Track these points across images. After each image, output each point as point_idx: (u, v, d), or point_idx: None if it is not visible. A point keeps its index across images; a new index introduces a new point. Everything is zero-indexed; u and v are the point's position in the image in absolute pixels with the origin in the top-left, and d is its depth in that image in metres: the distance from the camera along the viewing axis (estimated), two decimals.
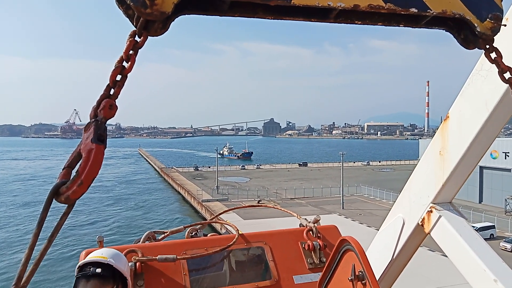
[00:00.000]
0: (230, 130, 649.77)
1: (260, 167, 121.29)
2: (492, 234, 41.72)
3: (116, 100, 1.31)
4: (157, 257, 2.86)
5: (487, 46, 1.68)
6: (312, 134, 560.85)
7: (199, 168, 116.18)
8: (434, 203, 3.51)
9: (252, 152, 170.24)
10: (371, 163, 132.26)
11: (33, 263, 1.19)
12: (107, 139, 1.29)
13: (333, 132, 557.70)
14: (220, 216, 4.79)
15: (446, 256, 3.31)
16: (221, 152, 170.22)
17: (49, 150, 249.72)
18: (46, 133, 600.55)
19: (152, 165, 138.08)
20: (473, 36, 1.64)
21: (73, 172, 1.30)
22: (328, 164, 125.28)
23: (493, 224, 44.20)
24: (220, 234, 3.88)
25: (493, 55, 1.70)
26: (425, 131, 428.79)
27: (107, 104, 1.28)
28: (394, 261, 4.00)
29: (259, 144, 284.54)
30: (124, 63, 1.33)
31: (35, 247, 1.20)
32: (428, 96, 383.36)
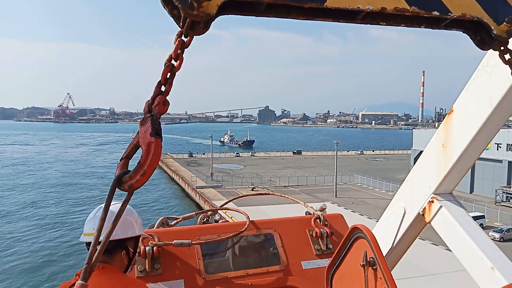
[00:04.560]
0: (225, 117, 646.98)
1: (255, 154, 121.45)
2: (481, 224, 42.24)
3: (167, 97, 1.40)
4: (173, 242, 3.00)
5: (502, 48, 1.77)
6: (307, 122, 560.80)
7: (194, 155, 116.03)
8: (435, 194, 3.63)
9: (253, 140, 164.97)
10: (364, 152, 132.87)
11: (101, 244, 1.30)
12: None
13: (328, 120, 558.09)
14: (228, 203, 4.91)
15: (449, 250, 3.44)
16: (221, 139, 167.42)
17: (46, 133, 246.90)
18: (39, 116, 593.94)
19: None
20: (489, 38, 1.73)
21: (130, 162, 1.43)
22: (322, 153, 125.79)
23: (483, 214, 44.95)
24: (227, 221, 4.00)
25: (507, 56, 1.80)
26: (419, 121, 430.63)
27: (161, 101, 1.37)
28: (394, 248, 4.13)
29: (253, 132, 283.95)
30: (173, 62, 1.41)
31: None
32: (423, 86, 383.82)
